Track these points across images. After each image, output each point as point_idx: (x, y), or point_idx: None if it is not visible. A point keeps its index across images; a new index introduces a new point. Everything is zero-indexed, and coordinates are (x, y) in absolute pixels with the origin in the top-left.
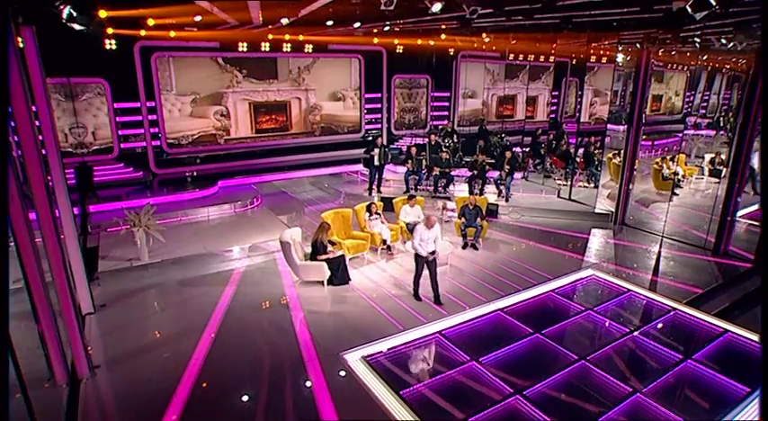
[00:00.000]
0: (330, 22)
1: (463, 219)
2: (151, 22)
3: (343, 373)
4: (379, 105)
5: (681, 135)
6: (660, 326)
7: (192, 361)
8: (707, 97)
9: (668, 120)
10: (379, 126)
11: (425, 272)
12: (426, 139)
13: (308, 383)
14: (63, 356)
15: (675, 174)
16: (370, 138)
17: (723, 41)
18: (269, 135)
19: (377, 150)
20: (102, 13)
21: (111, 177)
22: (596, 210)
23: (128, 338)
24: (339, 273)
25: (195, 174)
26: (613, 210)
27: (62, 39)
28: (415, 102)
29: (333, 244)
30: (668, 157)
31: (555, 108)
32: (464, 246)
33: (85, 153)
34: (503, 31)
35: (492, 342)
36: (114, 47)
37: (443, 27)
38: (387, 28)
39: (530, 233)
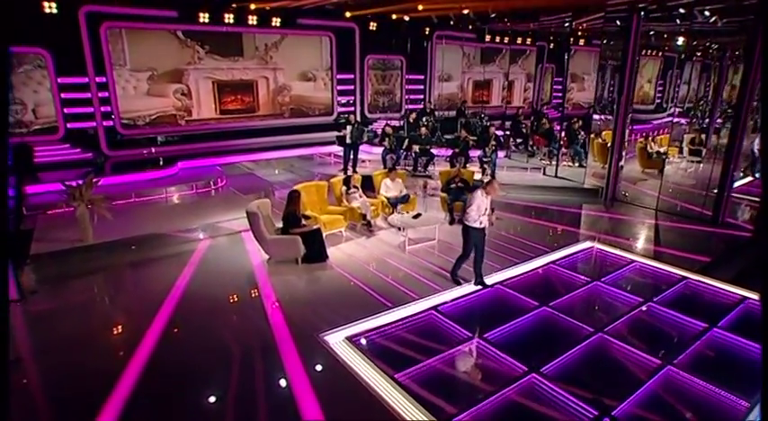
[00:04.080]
0: None
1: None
2: None
3: (324, 357)
4: (351, 87)
5: (656, 122)
6: (673, 294)
7: (139, 351)
8: (678, 87)
9: (641, 109)
10: (353, 109)
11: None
12: (403, 121)
13: (283, 370)
14: None
15: (660, 153)
16: (342, 121)
17: (707, 14)
18: (234, 116)
19: (349, 127)
20: None
21: (55, 158)
22: (585, 186)
23: (60, 328)
24: (315, 249)
25: (154, 151)
26: (603, 186)
27: None
28: (389, 84)
29: (307, 218)
30: (650, 137)
31: (532, 94)
32: (451, 222)
33: (25, 133)
34: None
35: (494, 317)
36: (55, 11)
37: None
38: None
39: (519, 209)
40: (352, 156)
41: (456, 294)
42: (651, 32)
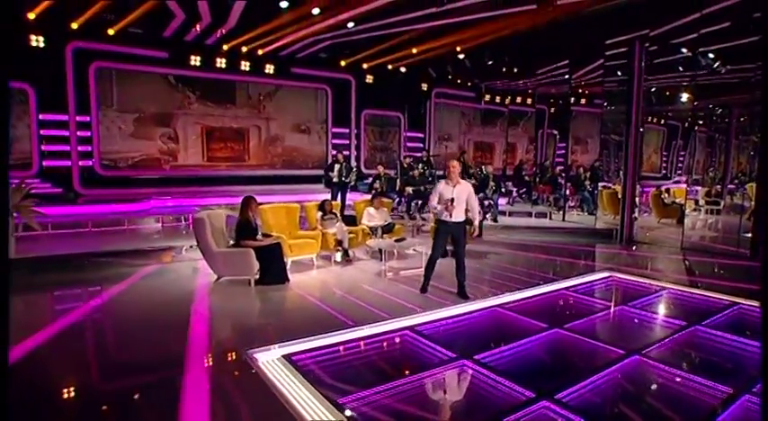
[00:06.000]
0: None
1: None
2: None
3: (247, 378)
4: (347, 141)
5: (666, 185)
6: (726, 319)
7: None
8: (682, 157)
9: (650, 176)
10: (354, 167)
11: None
12: (397, 166)
13: (178, 392)
14: None
15: (676, 202)
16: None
17: (711, 57)
18: (223, 164)
19: (337, 166)
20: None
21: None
22: (597, 227)
23: None
24: (273, 268)
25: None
26: (617, 226)
27: None
28: (386, 140)
29: (267, 236)
30: (664, 189)
31: (534, 156)
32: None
33: None
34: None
35: (489, 339)
36: (42, 45)
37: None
38: (351, 24)
39: (524, 247)
40: (339, 199)
41: (440, 315)
42: (653, 89)
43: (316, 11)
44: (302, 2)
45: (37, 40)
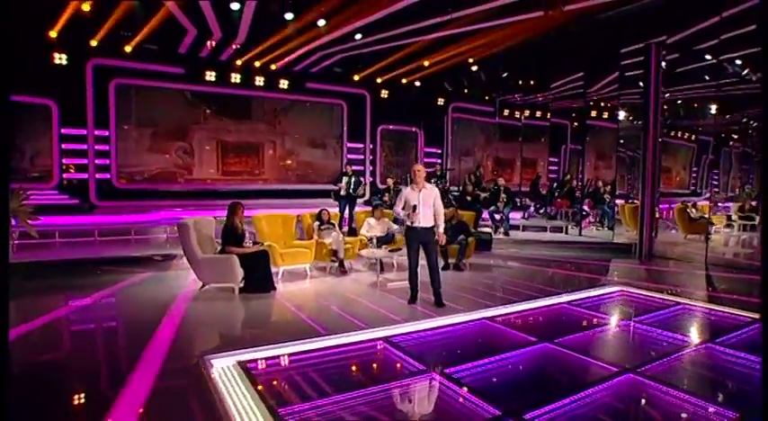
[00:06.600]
0: (289, 16)
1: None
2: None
3: (195, 385)
4: (362, 156)
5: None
6: (745, 338)
7: None
8: (716, 175)
9: (679, 193)
10: (363, 179)
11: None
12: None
13: (119, 398)
14: None
15: (704, 217)
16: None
17: (738, 64)
18: (237, 178)
19: (345, 178)
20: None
21: (40, 201)
22: (615, 241)
23: None
24: (258, 276)
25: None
26: (636, 241)
27: None
28: (403, 156)
29: (255, 243)
30: (690, 204)
31: (555, 176)
32: (444, 267)
33: (18, 179)
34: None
35: (468, 353)
36: (64, 62)
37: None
38: (358, 35)
39: (534, 261)
40: (347, 213)
41: (421, 326)
42: (678, 102)
43: (321, 22)
44: (307, 13)
45: (60, 58)
